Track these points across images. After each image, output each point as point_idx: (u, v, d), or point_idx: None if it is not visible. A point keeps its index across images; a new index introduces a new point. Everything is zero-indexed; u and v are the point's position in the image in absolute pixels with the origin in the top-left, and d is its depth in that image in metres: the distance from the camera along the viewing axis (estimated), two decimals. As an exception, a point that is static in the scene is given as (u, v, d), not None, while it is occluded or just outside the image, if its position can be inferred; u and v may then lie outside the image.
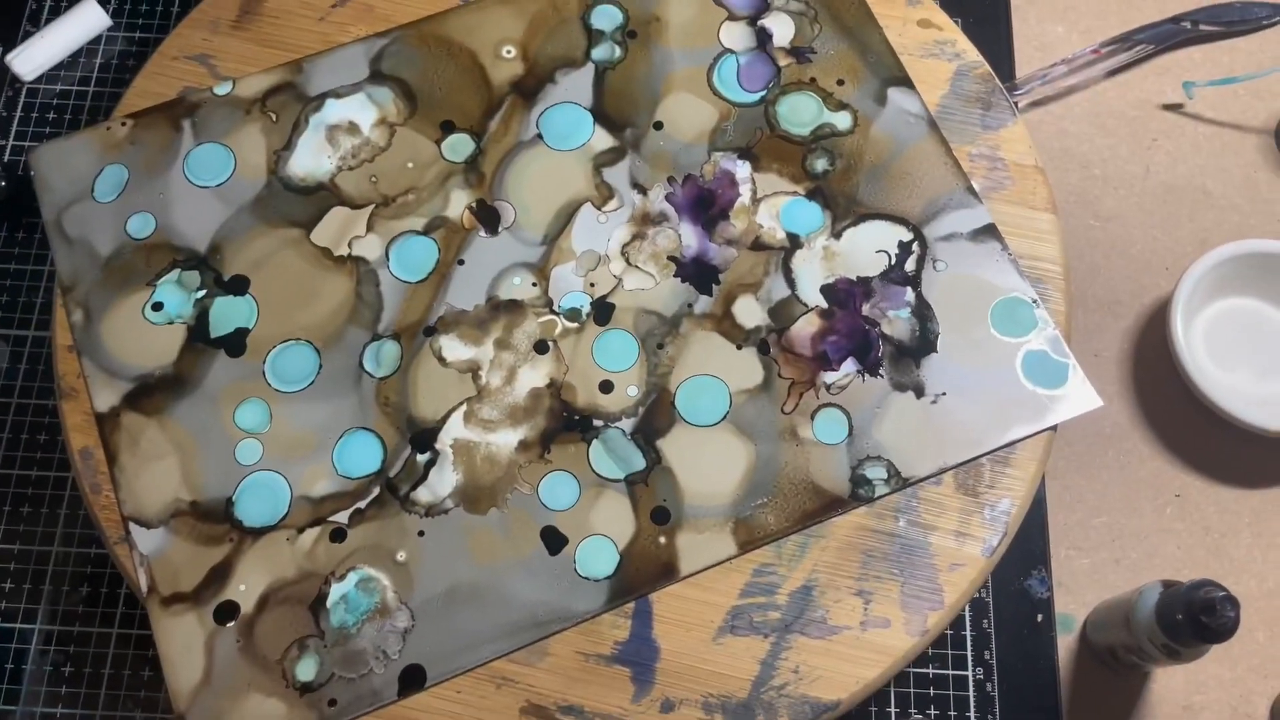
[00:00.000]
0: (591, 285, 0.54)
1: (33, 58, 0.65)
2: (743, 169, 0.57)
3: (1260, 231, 0.62)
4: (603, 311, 0.54)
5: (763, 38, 0.60)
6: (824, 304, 0.54)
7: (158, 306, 0.54)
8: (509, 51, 0.59)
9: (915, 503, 0.51)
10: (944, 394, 0.52)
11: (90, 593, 0.55)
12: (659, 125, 0.58)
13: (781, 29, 0.60)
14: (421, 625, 0.48)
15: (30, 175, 0.57)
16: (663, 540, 0.50)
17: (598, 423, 0.52)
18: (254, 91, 0.58)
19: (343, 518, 0.50)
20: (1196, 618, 0.46)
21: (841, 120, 0.58)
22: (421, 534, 0.50)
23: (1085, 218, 0.63)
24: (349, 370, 0.53)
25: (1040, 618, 0.55)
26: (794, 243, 0.55)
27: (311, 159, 0.57)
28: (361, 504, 0.50)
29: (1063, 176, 0.64)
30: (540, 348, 0.53)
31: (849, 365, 0.53)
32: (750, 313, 0.54)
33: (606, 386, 0.52)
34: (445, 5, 0.61)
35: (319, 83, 0.59)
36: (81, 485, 0.51)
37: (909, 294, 0.54)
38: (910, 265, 0.55)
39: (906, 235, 0.55)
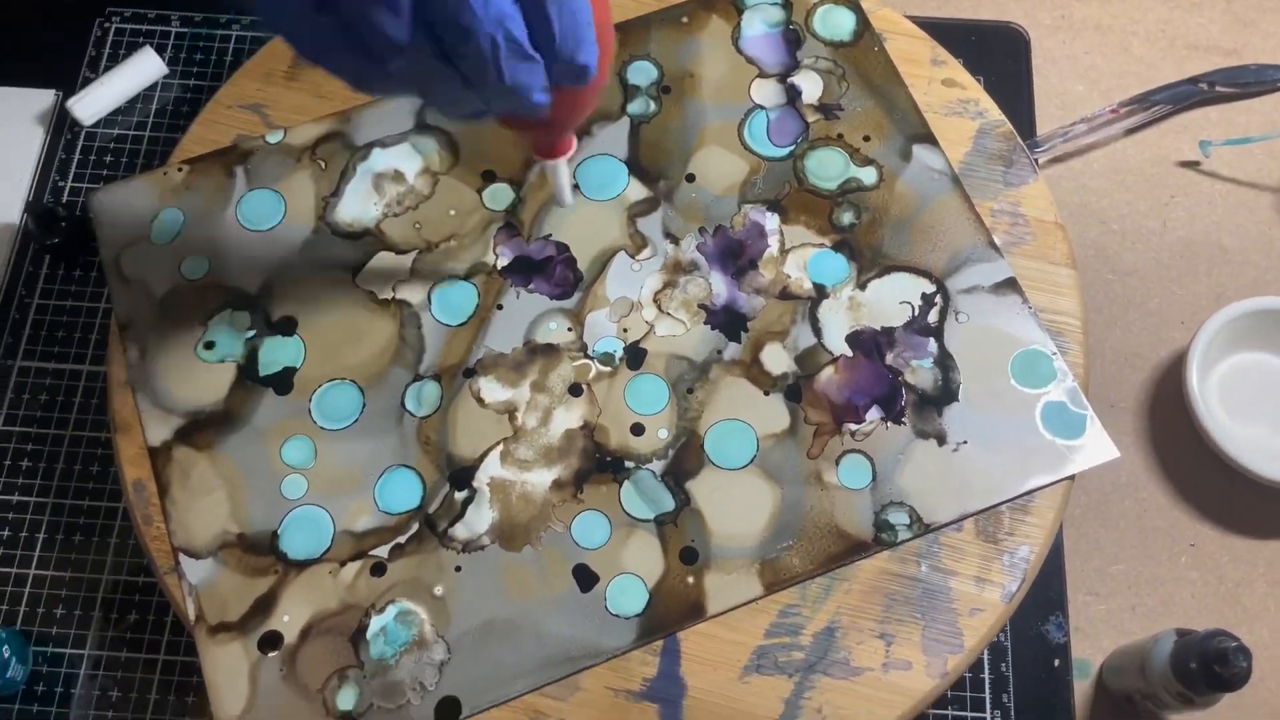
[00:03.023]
0: (624, 331, 0.56)
1: (92, 103, 0.68)
2: (771, 221, 0.59)
3: (1275, 288, 0.64)
4: (635, 356, 0.56)
5: (792, 94, 0.62)
6: (849, 353, 0.56)
7: (210, 345, 0.56)
8: (548, 105, 0.62)
9: (936, 548, 0.52)
10: (965, 442, 0.54)
11: (138, 620, 0.57)
12: (691, 177, 0.60)
13: (810, 86, 0.62)
14: (457, 658, 0.50)
15: (89, 217, 0.59)
16: (691, 580, 0.51)
17: (629, 464, 0.54)
18: (304, 140, 0.61)
19: (383, 552, 0.52)
20: (1210, 667, 0.47)
21: (867, 175, 0.60)
22: (458, 569, 0.52)
23: (1104, 272, 0.65)
24: (391, 409, 0.55)
25: (1058, 662, 0.57)
26: (820, 293, 0.57)
27: (358, 205, 0.59)
28: (401, 539, 0.52)
29: (1082, 231, 0.66)
30: (574, 390, 0.55)
31: (874, 413, 0.55)
32: (778, 360, 0.56)
33: (638, 429, 0.54)
34: (488, 59, 0.63)
35: (366, 132, 0.61)
36: (134, 516, 0.53)
37: (931, 344, 0.56)
38: (933, 317, 0.57)
39: (929, 287, 0.57)
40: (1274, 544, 0.59)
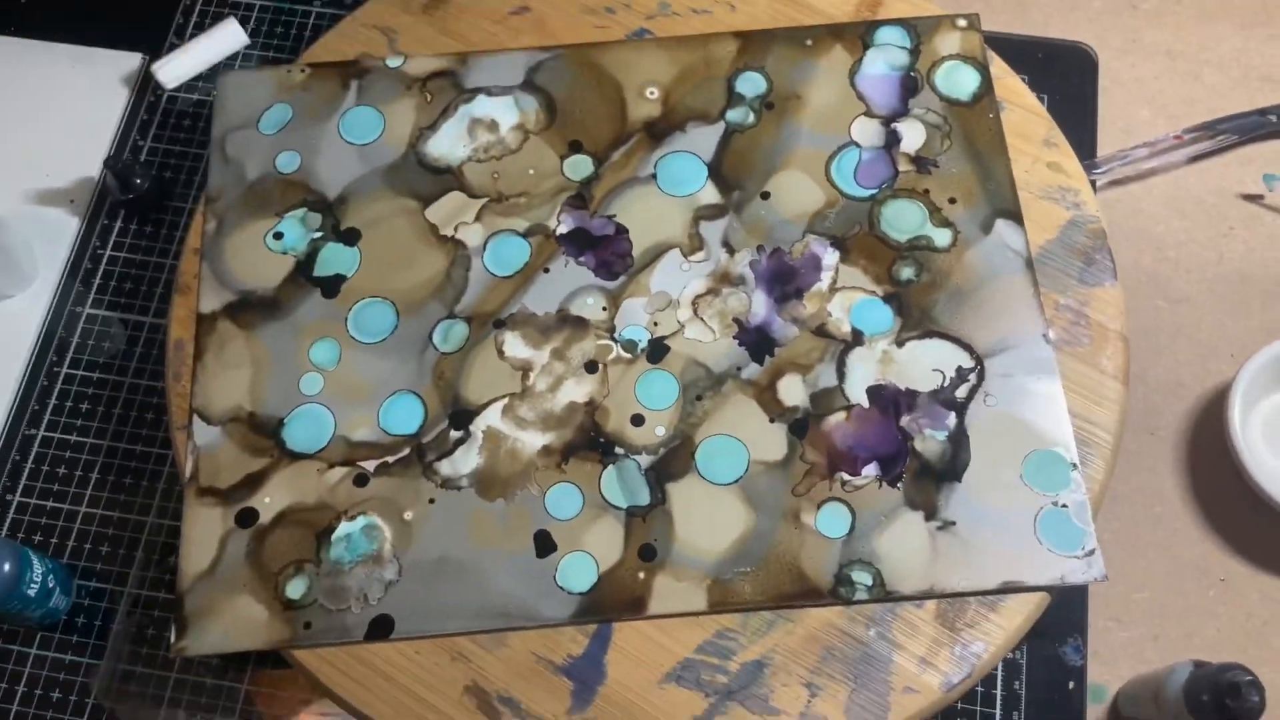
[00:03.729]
0: (655, 324, 0.57)
1: (175, 68, 0.72)
2: (831, 257, 0.59)
3: (1330, 330, 0.61)
4: (657, 351, 0.57)
5: (891, 140, 0.61)
6: (866, 404, 0.55)
7: (279, 236, 0.60)
8: (652, 93, 0.63)
9: (891, 617, 0.51)
10: (954, 523, 0.53)
11: (177, 564, 0.61)
12: (766, 195, 0.60)
13: (912, 136, 0.61)
14: (405, 582, 0.52)
15: (163, 175, 0.64)
16: (642, 576, 0.52)
17: (619, 450, 0.55)
18: (420, 71, 0.64)
19: (370, 466, 0.55)
20: (1222, 700, 0.47)
21: (941, 237, 0.59)
22: (432, 501, 0.54)
23: (1155, 298, 0.64)
24: (419, 339, 0.57)
25: (1072, 685, 0.57)
26: (856, 339, 0.57)
27: (449, 144, 0.62)
28: (390, 459, 0.55)
29: (1136, 256, 0.65)
30: (590, 367, 0.56)
31: (871, 469, 0.54)
32: (793, 392, 0.56)
33: (638, 420, 0.55)
34: (611, 36, 0.65)
35: (478, 78, 0.64)
36: (167, 370, 0.57)
37: (951, 418, 0.55)
38: (962, 392, 0.55)
39: (968, 362, 0.56)
40: (1309, 586, 0.57)
